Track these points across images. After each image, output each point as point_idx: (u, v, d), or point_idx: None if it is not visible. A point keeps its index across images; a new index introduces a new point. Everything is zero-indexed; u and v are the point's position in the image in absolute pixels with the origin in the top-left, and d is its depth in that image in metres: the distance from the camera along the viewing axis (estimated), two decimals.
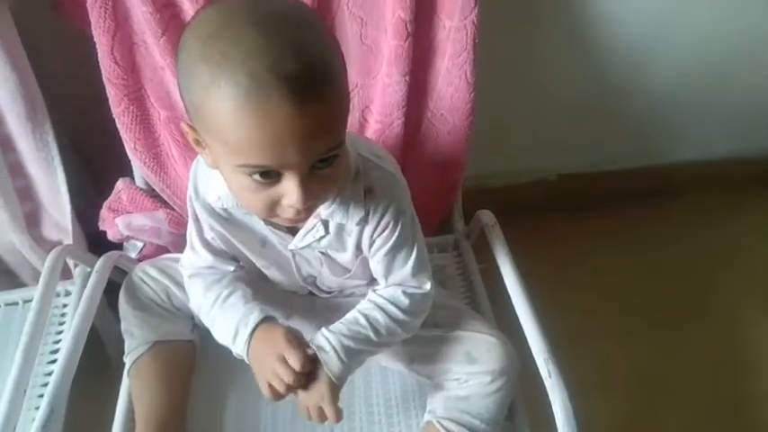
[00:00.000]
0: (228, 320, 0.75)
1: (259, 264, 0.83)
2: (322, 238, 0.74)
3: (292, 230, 0.75)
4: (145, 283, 0.87)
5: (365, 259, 0.78)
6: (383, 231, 0.73)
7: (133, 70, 0.93)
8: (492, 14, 0.92)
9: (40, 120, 0.93)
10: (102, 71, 0.92)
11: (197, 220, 0.78)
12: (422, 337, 0.81)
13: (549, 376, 0.72)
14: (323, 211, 0.71)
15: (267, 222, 0.74)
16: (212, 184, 0.73)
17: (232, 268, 0.82)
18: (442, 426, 0.75)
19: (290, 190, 0.58)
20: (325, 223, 0.73)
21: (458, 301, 0.90)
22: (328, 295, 0.89)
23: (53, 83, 0.96)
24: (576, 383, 0.73)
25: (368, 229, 0.73)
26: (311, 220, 0.73)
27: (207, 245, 0.80)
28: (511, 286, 0.83)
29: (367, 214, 0.71)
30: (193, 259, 0.81)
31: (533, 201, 1.33)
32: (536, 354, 0.75)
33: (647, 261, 1.36)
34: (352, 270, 0.80)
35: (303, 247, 0.76)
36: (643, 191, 1.39)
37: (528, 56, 1.17)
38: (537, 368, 0.75)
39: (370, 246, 0.75)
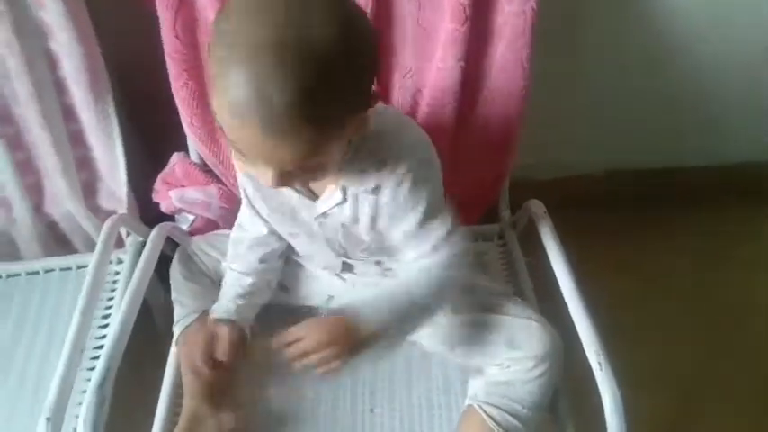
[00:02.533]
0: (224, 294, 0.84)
1: (294, 237, 0.84)
2: (340, 204, 0.74)
3: (316, 196, 0.77)
4: (197, 255, 0.90)
5: (381, 235, 0.78)
6: (397, 202, 0.72)
7: (194, 46, 0.94)
8: (551, 2, 0.91)
9: (102, 92, 0.96)
10: (165, 46, 0.93)
11: (246, 196, 0.81)
12: (464, 322, 0.81)
13: (600, 368, 0.71)
14: (341, 177, 0.72)
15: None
16: None
17: (274, 240, 0.86)
18: (483, 410, 0.75)
19: (263, 175, 0.62)
20: (344, 190, 0.73)
21: (500, 286, 0.90)
22: (363, 271, 0.89)
23: (117, 57, 0.99)
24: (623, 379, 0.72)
25: (382, 199, 0.72)
26: (330, 187, 0.74)
27: (253, 209, 0.83)
28: (561, 275, 0.82)
29: (378, 186, 0.71)
30: (243, 213, 0.87)
31: (580, 195, 1.31)
32: (586, 345, 0.74)
33: (699, 260, 1.34)
34: (367, 242, 0.79)
35: (325, 214, 0.76)
36: (700, 189, 1.37)
37: (585, 48, 1.16)
38: (581, 360, 0.74)
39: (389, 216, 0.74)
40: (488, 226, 1.07)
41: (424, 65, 0.97)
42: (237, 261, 0.87)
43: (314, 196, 0.76)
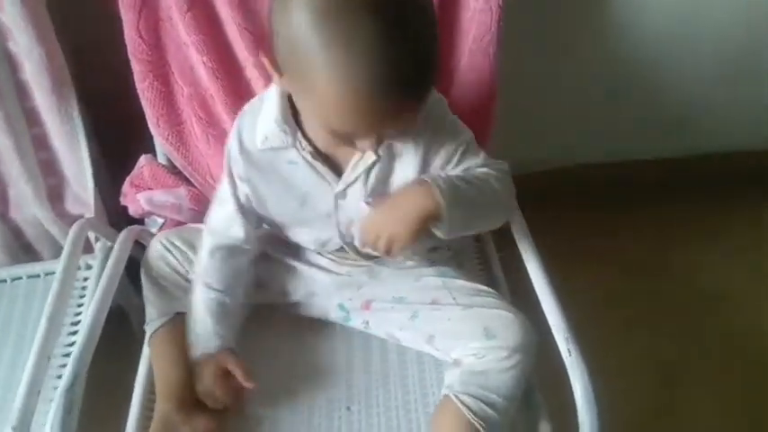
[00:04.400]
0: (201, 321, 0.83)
1: (290, 223, 0.84)
2: (374, 164, 0.76)
3: (337, 171, 0.77)
4: (168, 251, 0.88)
5: None
6: (444, 143, 0.77)
7: (158, 46, 0.94)
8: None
9: (65, 94, 0.95)
10: (128, 46, 0.92)
11: (231, 177, 0.82)
12: (441, 314, 0.82)
13: (569, 354, 0.72)
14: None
15: (315, 157, 0.76)
16: (259, 126, 0.76)
17: (248, 247, 0.85)
18: (459, 399, 0.75)
19: (364, 144, 0.68)
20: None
21: (476, 280, 0.90)
22: (357, 261, 0.89)
23: (79, 57, 0.98)
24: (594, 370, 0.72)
25: (423, 146, 0.76)
26: (356, 154, 0.75)
27: (237, 201, 0.83)
28: (530, 265, 0.82)
29: (418, 131, 0.74)
30: (217, 218, 0.86)
31: (554, 190, 1.32)
32: (555, 332, 0.74)
33: (669, 253, 1.36)
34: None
35: (345, 192, 0.77)
36: (670, 182, 1.39)
37: (555, 41, 1.17)
38: (555, 352, 0.74)
39: (433, 160, 0.77)
40: None
41: None
42: (211, 275, 0.84)
43: (337, 171, 0.77)
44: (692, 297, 1.29)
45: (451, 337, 0.81)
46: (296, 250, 0.91)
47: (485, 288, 0.85)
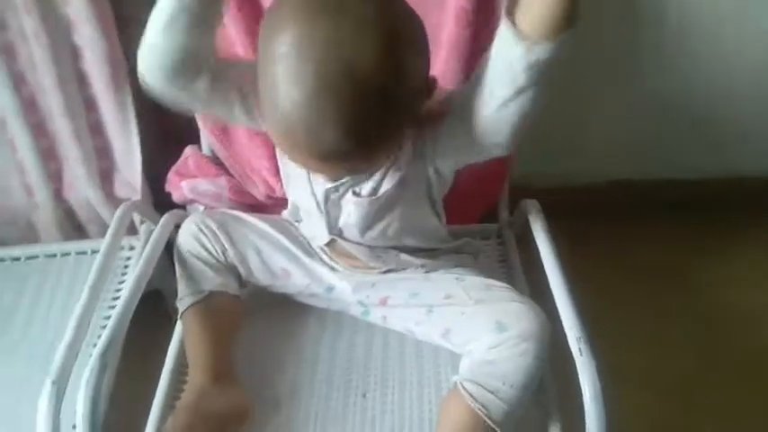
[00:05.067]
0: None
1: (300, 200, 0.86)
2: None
3: None
4: (201, 231, 0.90)
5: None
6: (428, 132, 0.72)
7: None
8: None
9: (121, 84, 1.01)
10: None
11: None
12: (455, 309, 0.84)
13: (581, 354, 0.72)
14: None
15: None
16: None
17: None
18: (464, 387, 0.76)
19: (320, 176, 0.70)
20: None
21: (495, 278, 0.91)
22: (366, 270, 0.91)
23: (134, 50, 1.04)
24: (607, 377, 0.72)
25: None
26: None
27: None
28: (547, 261, 0.84)
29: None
30: None
31: (582, 205, 1.33)
32: (568, 330, 0.75)
33: (693, 273, 1.35)
34: (381, 196, 0.78)
35: (338, 188, 0.77)
36: (697, 202, 1.38)
37: (589, 56, 1.18)
38: (569, 354, 0.75)
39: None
40: (487, 225, 1.10)
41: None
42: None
43: None
44: (713, 311, 1.29)
45: (465, 331, 0.82)
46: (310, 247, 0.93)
47: (498, 283, 0.85)
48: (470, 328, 0.81)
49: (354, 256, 0.88)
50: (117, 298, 1.00)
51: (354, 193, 0.78)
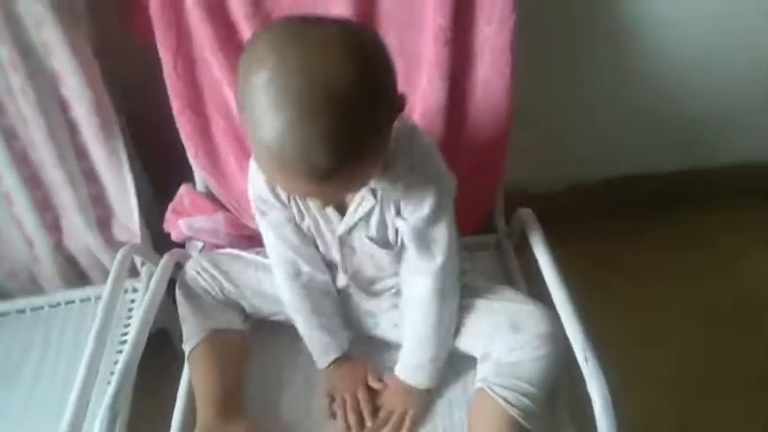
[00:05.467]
0: (317, 339, 0.90)
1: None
2: (372, 208, 0.79)
3: (341, 210, 0.81)
4: (200, 275, 0.93)
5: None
6: (419, 200, 0.78)
7: (194, 84, 1.01)
8: (534, 20, 0.96)
9: (112, 131, 1.02)
10: (167, 84, 1.00)
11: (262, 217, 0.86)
12: (467, 309, 0.86)
13: (586, 362, 0.73)
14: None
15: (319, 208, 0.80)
16: (255, 183, 0.82)
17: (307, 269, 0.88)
18: (494, 391, 0.77)
19: (312, 201, 0.72)
20: (374, 191, 0.78)
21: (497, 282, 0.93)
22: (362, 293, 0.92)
23: (123, 95, 1.06)
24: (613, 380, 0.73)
25: (400, 191, 0.78)
26: (359, 194, 0.79)
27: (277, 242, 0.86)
28: (548, 274, 0.85)
29: (408, 185, 0.77)
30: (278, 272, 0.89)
31: (576, 206, 1.34)
32: (573, 340, 0.76)
33: (688, 266, 1.36)
34: (398, 246, 0.83)
35: (354, 226, 0.81)
36: (688, 195, 1.39)
37: (570, 62, 1.20)
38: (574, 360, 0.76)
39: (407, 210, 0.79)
40: (485, 236, 1.10)
41: (410, 89, 1.01)
42: (296, 301, 0.89)
43: (340, 211, 0.81)
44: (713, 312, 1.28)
45: (479, 331, 0.84)
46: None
47: (503, 286, 0.89)
48: (484, 329, 0.83)
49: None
50: (124, 342, 1.01)
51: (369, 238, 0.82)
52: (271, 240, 0.86)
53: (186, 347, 0.90)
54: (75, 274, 1.16)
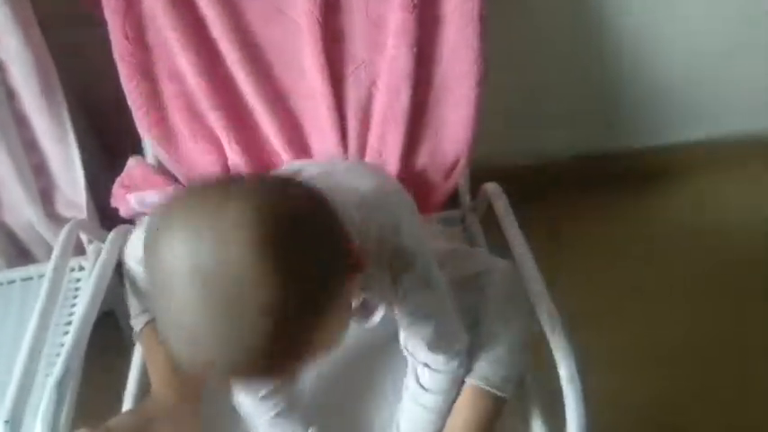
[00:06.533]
0: None
1: None
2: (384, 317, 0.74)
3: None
4: None
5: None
6: (408, 306, 0.71)
7: (143, 46, 0.95)
8: None
9: (54, 96, 0.96)
10: (114, 49, 0.94)
11: None
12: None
13: (553, 334, 0.72)
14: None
15: None
16: None
17: None
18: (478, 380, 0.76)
19: None
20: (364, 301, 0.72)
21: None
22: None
23: (67, 60, 0.99)
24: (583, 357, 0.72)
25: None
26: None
27: None
28: (516, 248, 0.83)
29: (397, 295, 0.69)
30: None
31: (541, 181, 1.33)
32: (539, 310, 0.75)
33: (656, 241, 1.36)
34: (375, 320, 0.76)
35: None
36: (654, 171, 1.40)
37: (540, 32, 1.19)
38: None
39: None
40: (451, 212, 1.08)
41: (376, 57, 0.97)
42: (256, 407, 0.77)
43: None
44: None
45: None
46: None
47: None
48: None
49: None
50: (70, 323, 0.95)
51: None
52: None
53: (135, 324, 0.85)
54: (17, 251, 1.09)
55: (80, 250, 1.04)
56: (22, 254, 1.10)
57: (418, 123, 1.03)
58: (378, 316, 0.74)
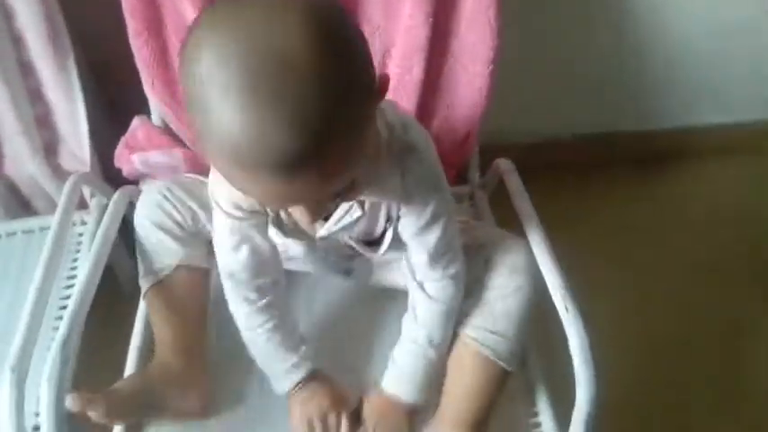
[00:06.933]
0: (273, 359, 0.80)
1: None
2: (359, 218, 0.71)
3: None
4: (169, 201, 0.84)
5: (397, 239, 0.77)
6: (415, 207, 0.71)
7: (153, 3, 0.92)
8: None
9: (61, 43, 0.93)
10: (123, 4, 0.91)
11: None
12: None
13: (567, 311, 0.72)
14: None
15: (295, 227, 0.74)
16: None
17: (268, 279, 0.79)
18: (468, 335, 0.78)
19: (298, 212, 0.62)
20: (362, 203, 0.70)
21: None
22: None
23: (77, 18, 0.96)
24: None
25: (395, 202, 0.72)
26: (344, 205, 0.70)
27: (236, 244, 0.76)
28: (528, 225, 0.83)
29: (404, 193, 0.70)
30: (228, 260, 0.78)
31: (549, 159, 1.33)
32: (552, 289, 0.75)
33: (659, 223, 1.38)
34: (382, 250, 0.77)
35: (335, 232, 0.73)
36: (659, 153, 1.41)
37: (549, 12, 1.17)
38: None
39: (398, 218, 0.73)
40: (459, 187, 1.07)
41: (392, 24, 0.96)
42: (252, 317, 0.79)
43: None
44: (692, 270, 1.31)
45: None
46: None
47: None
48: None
49: None
50: (72, 277, 0.95)
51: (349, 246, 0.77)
52: (228, 246, 0.76)
53: (143, 284, 0.83)
54: (18, 203, 1.07)
55: (81, 204, 1.02)
56: (22, 206, 1.08)
57: (430, 96, 1.02)
58: (387, 240, 0.75)
